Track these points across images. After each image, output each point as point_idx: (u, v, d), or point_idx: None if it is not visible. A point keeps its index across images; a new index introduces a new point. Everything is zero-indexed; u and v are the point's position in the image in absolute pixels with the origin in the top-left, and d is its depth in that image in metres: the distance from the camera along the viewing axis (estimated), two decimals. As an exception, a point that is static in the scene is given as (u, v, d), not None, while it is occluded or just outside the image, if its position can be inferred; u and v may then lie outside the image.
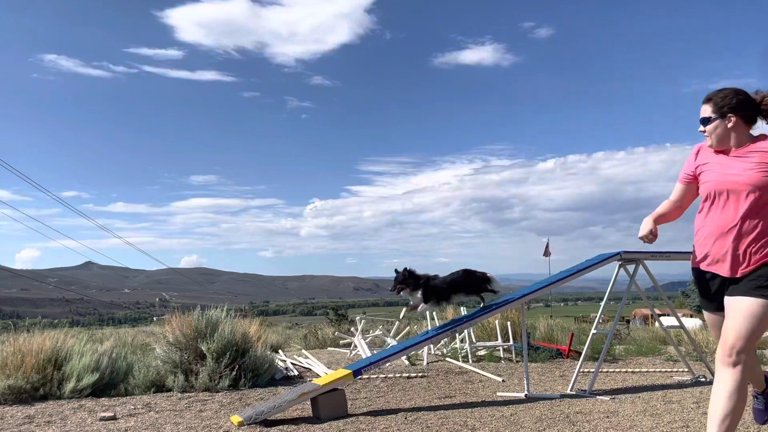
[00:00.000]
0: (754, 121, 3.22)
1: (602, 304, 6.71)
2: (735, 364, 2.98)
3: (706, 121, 3.22)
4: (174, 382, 6.22)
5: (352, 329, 11.52)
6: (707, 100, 3.23)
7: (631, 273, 6.45)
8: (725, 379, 3.01)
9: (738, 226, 3.09)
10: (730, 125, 3.16)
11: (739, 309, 3.01)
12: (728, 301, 3.09)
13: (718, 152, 3.25)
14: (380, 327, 11.98)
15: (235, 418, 4.68)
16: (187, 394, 6.01)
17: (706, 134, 3.25)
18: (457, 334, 9.27)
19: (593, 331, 6.56)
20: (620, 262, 6.46)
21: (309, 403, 5.06)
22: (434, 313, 11.12)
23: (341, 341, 11.34)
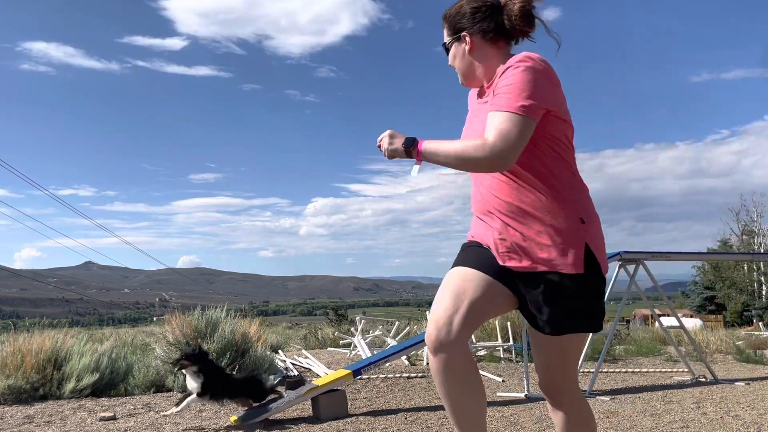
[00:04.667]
0: (508, 37, 2.08)
1: (602, 304, 6.71)
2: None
3: (446, 50, 2.17)
4: (174, 382, 6.22)
5: (352, 329, 11.53)
6: (443, 19, 2.16)
7: (631, 273, 6.45)
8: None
9: (482, 198, 2.07)
10: (467, 48, 2.08)
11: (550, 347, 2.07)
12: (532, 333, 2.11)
13: (478, 94, 2.17)
14: (380, 327, 11.99)
15: (235, 419, 4.68)
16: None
17: (454, 68, 2.19)
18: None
19: (593, 331, 6.55)
20: (620, 263, 6.46)
21: (309, 403, 5.06)
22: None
23: (341, 341, 11.34)
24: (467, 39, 2.07)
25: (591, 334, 6.52)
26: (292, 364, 8.35)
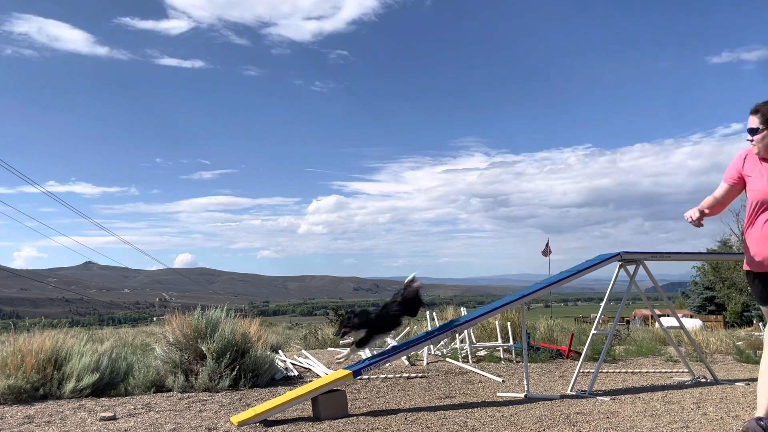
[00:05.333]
0: None
1: (602, 304, 6.71)
2: None
3: (753, 132, 3.55)
4: (174, 382, 6.22)
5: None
6: (755, 111, 3.54)
7: (631, 273, 6.45)
8: None
9: None
10: None
11: None
12: None
13: (762, 160, 3.59)
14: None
15: (236, 418, 4.68)
16: (187, 394, 6.01)
17: (753, 143, 3.58)
18: (457, 335, 9.27)
19: (593, 331, 6.55)
20: (620, 263, 6.45)
21: (309, 403, 5.06)
22: (434, 313, 11.13)
23: (341, 341, 11.33)
24: None
25: (591, 335, 6.54)
26: (293, 364, 8.34)
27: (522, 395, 5.75)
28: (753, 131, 3.56)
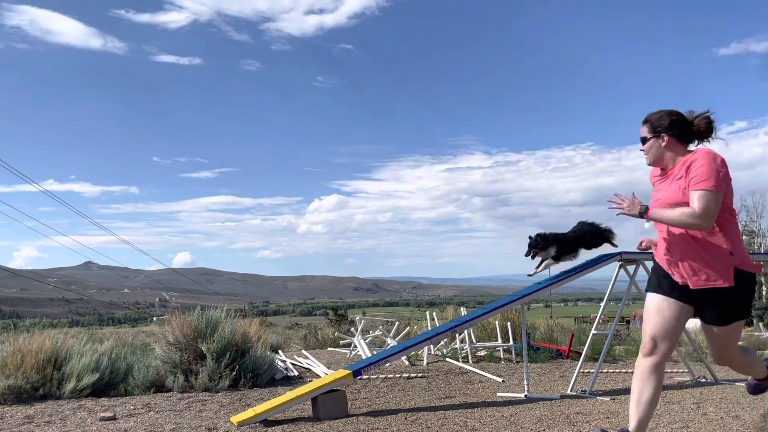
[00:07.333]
0: (690, 141, 3.38)
1: (602, 304, 6.71)
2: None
3: (643, 141, 3.44)
4: (174, 382, 6.21)
5: (352, 329, 11.54)
6: (645, 121, 3.44)
7: (632, 273, 6.45)
8: None
9: (668, 241, 3.36)
10: (663, 144, 3.34)
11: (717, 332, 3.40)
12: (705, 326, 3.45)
13: (662, 169, 3.45)
14: (380, 327, 12.00)
15: (236, 418, 4.68)
16: (186, 395, 6.01)
17: (644, 153, 3.45)
18: (457, 335, 9.27)
19: (593, 331, 6.56)
20: (620, 263, 6.46)
21: (309, 403, 5.06)
22: (434, 313, 11.14)
23: (341, 341, 11.35)
24: (665, 137, 3.32)
25: (591, 335, 6.53)
26: (292, 364, 8.35)
27: (522, 395, 5.75)
28: (643, 140, 3.44)
